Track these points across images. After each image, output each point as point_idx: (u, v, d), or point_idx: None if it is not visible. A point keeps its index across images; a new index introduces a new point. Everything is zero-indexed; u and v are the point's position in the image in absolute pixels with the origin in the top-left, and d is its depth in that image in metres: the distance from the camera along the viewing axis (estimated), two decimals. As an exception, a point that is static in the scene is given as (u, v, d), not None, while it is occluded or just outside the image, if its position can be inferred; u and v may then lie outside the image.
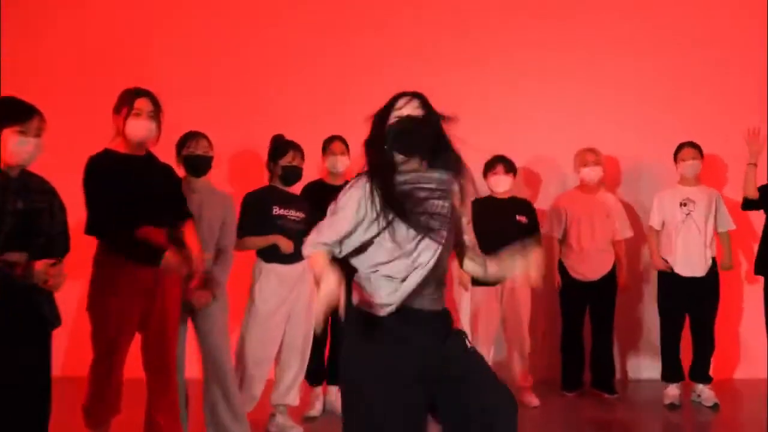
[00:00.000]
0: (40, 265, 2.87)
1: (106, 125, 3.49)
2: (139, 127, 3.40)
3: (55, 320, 3.05)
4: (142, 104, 3.41)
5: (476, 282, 4.91)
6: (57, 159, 3.68)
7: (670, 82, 5.73)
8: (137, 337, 3.50)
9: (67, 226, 3.13)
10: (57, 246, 3.05)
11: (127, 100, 3.41)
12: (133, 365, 3.48)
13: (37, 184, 3.02)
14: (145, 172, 3.45)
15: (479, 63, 5.67)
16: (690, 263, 4.96)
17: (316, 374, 4.71)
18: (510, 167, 5.01)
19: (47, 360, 3.06)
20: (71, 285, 3.11)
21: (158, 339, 3.49)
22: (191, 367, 3.96)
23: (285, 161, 4.29)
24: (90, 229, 3.32)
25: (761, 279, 4.84)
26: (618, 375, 5.67)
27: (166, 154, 3.72)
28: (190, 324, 3.91)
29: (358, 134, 2.48)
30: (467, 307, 5.07)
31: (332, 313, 4.50)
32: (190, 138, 3.98)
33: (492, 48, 5.76)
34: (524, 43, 5.77)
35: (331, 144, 4.72)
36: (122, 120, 3.40)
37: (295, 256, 4.15)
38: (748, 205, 4.89)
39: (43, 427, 3.00)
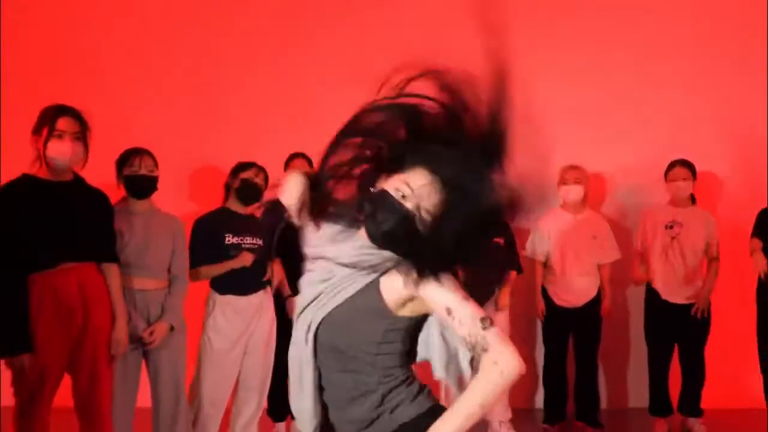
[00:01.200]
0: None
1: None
2: (61, 150, 3.09)
3: None
4: (65, 124, 3.10)
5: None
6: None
7: (663, 94, 5.47)
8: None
9: None
10: None
11: (48, 119, 3.12)
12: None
13: None
14: (68, 200, 3.14)
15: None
16: (676, 289, 4.71)
17: (280, 409, 4.44)
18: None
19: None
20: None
21: (89, 383, 3.21)
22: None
23: (246, 174, 4.04)
24: None
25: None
26: (604, 405, 5.40)
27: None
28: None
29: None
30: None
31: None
32: (132, 155, 3.66)
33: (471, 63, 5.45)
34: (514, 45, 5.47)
35: (293, 160, 4.48)
36: (42, 142, 3.08)
37: (252, 286, 3.94)
38: None
39: None
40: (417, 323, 1.89)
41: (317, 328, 1.83)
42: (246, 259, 3.91)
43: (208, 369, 3.90)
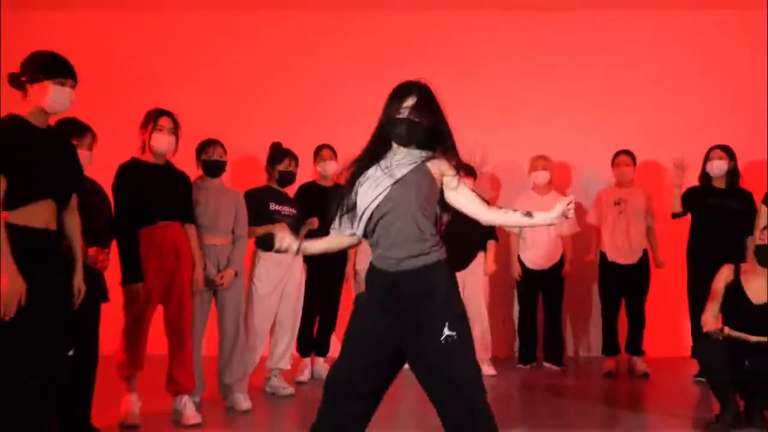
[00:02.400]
0: (92, 251, 3.75)
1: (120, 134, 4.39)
2: (162, 141, 4.28)
3: (104, 296, 3.93)
4: (164, 122, 4.28)
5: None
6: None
7: (615, 94, 6.63)
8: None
9: (111, 219, 4.01)
10: (103, 235, 3.93)
11: (153, 117, 4.29)
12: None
13: (89, 184, 3.86)
14: (165, 178, 4.33)
15: (444, 74, 6.44)
16: (622, 253, 5.85)
17: (306, 347, 5.60)
18: (470, 172, 5.85)
19: (96, 326, 3.95)
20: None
21: (177, 311, 4.35)
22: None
23: (282, 167, 5.12)
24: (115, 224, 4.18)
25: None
26: (571, 353, 6.60)
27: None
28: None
29: (345, 142, 3.17)
30: None
31: (321, 297, 5.38)
32: (208, 145, 4.75)
33: (450, 59, 6.54)
34: (487, 55, 6.63)
35: (321, 151, 5.61)
36: (148, 135, 4.28)
37: (288, 246, 5.03)
38: (675, 216, 5.73)
39: (91, 378, 3.90)
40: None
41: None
42: (283, 229, 5.03)
43: (255, 308, 4.99)
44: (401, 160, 2.90)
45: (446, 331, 2.73)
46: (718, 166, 5.52)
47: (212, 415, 4.52)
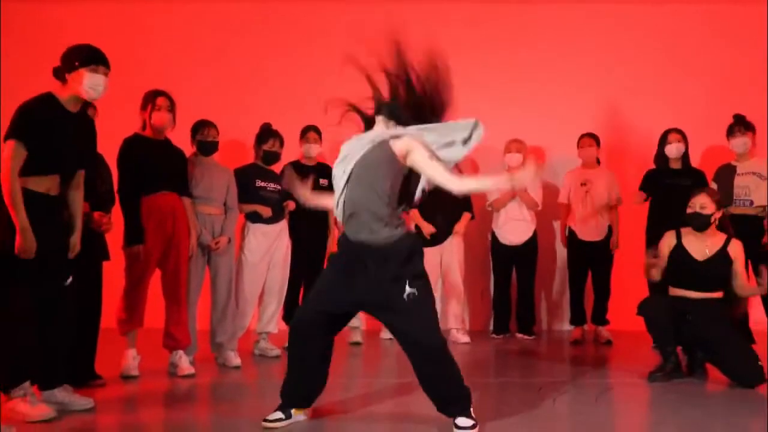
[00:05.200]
0: (96, 215, 4.18)
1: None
2: (161, 118, 4.70)
3: (105, 255, 4.36)
4: (161, 101, 4.70)
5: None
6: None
7: (586, 81, 7.03)
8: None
9: (113, 186, 4.43)
10: (106, 201, 4.35)
11: (151, 98, 4.71)
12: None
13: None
14: (164, 152, 4.76)
15: None
16: (589, 230, 6.29)
17: (292, 313, 5.92)
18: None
19: (99, 282, 4.38)
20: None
21: (174, 273, 4.77)
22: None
23: (267, 146, 5.54)
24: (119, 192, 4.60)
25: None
26: (545, 327, 7.02)
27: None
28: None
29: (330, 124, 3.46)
30: None
31: (306, 267, 5.81)
32: (203, 126, 5.15)
33: (439, 45, 6.86)
34: (465, 43, 6.90)
35: (307, 133, 5.97)
36: (148, 114, 4.69)
37: (274, 218, 5.48)
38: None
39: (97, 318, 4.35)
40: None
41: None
42: (266, 213, 5.41)
43: (245, 275, 5.39)
44: (369, 137, 3.31)
45: (408, 289, 3.21)
46: (677, 149, 5.91)
47: (205, 370, 4.94)
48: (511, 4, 7.14)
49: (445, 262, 6.31)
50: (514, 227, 6.49)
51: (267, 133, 5.59)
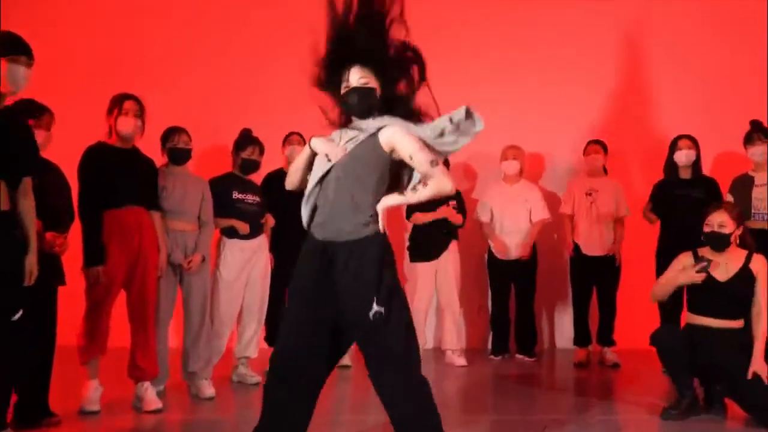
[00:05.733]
0: (49, 236, 3.73)
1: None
2: (127, 124, 4.26)
3: (60, 279, 3.90)
4: (129, 105, 4.26)
5: (414, 258, 5.86)
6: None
7: (590, 83, 6.61)
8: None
9: (71, 201, 3.98)
10: (63, 218, 3.89)
11: (118, 102, 4.26)
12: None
13: (47, 166, 3.84)
14: (130, 162, 4.31)
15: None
16: (593, 244, 5.85)
17: (274, 335, 5.49)
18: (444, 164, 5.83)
19: (53, 310, 3.93)
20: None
21: (140, 295, 4.32)
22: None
23: (245, 154, 5.09)
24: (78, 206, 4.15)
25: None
26: (546, 345, 6.59)
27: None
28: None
29: (314, 130, 3.13)
30: None
31: (289, 283, 5.37)
32: (173, 132, 4.72)
33: (433, 47, 6.50)
34: (465, 44, 6.59)
35: (290, 137, 5.57)
36: (113, 119, 4.25)
37: (252, 233, 5.05)
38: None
39: (49, 358, 3.86)
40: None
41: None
42: (243, 229, 4.97)
43: (220, 294, 4.95)
44: (350, 134, 2.94)
45: (374, 307, 2.76)
46: (686, 156, 5.53)
47: (176, 401, 4.51)
48: (508, 2, 6.74)
49: (441, 279, 5.88)
50: (508, 241, 6.06)
51: (246, 139, 5.17)
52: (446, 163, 5.75)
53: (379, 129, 2.96)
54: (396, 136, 2.92)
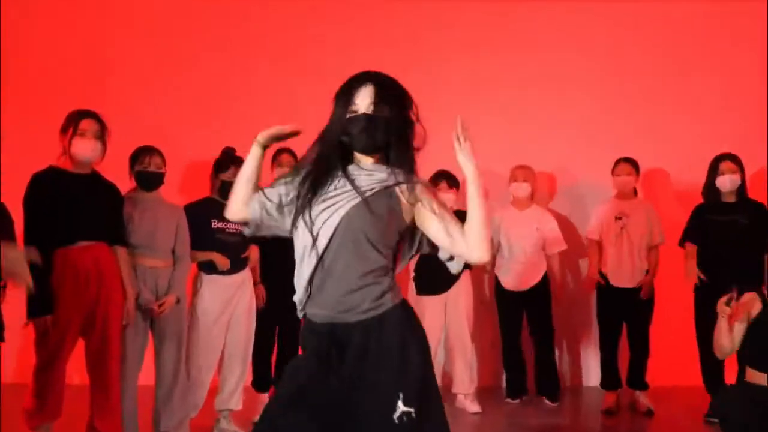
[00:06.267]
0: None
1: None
2: (83, 147, 3.61)
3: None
4: (87, 125, 3.62)
5: (421, 291, 5.18)
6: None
7: (607, 100, 6.00)
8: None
9: (14, 238, 3.33)
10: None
11: (73, 120, 3.62)
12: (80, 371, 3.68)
13: None
14: (86, 189, 3.66)
15: (425, 72, 5.72)
16: (624, 275, 5.20)
17: (263, 380, 4.87)
18: (453, 182, 5.19)
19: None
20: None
21: (99, 347, 3.69)
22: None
23: (226, 176, 4.40)
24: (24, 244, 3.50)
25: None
26: (568, 383, 5.94)
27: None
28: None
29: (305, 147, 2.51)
30: None
31: (279, 320, 4.65)
32: (142, 153, 4.10)
33: (422, 59, 5.90)
34: (471, 58, 5.99)
35: (280, 156, 4.89)
36: (68, 140, 3.61)
37: (234, 267, 4.42)
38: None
39: None
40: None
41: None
42: (224, 264, 4.36)
43: (197, 340, 4.33)
44: (361, 180, 2.26)
45: (401, 407, 2.08)
46: (731, 181, 4.95)
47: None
48: (517, 6, 6.12)
49: (451, 315, 5.23)
50: (516, 270, 5.43)
51: (229, 159, 4.53)
52: (456, 185, 5.12)
53: (402, 183, 2.28)
54: (425, 193, 2.31)
